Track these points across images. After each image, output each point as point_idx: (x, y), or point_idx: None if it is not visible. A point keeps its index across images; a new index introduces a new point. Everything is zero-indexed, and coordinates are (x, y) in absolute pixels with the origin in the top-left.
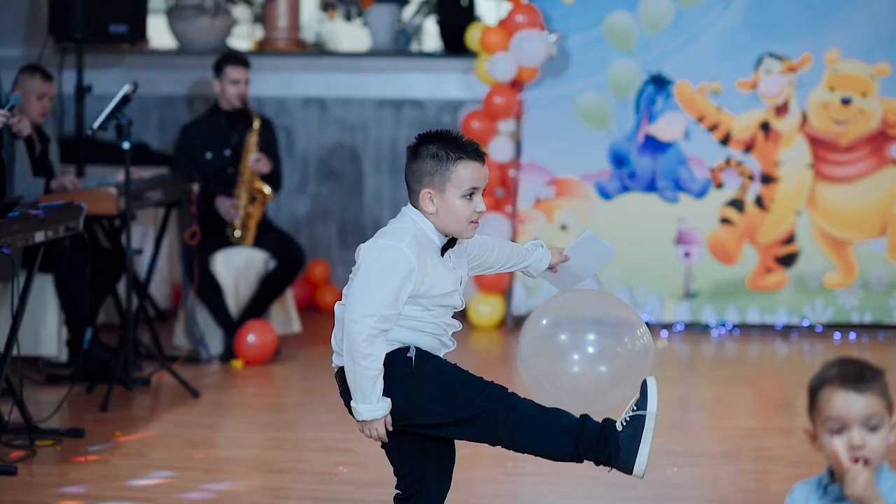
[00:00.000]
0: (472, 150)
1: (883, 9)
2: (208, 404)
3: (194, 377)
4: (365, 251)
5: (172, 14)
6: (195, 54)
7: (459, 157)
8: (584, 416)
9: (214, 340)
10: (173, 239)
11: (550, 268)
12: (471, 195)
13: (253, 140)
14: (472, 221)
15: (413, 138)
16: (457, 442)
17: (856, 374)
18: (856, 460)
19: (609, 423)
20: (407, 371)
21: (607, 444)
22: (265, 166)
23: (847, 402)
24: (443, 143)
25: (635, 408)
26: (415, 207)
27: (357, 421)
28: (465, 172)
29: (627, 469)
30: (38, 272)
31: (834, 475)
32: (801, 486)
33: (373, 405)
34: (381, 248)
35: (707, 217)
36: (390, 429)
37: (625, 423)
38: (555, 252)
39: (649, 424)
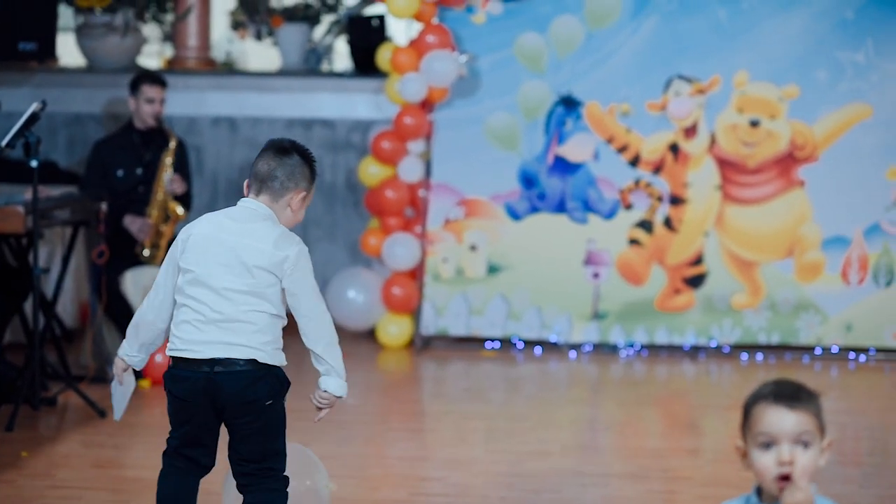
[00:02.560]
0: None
1: (792, 32)
2: (115, 424)
3: (101, 397)
4: (299, 254)
5: (82, 32)
6: (105, 73)
7: (315, 178)
8: None
9: None
10: (81, 258)
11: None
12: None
13: (168, 160)
14: None
15: (286, 142)
16: (365, 464)
17: (790, 393)
18: (783, 477)
19: None
20: (284, 389)
21: None
22: (180, 186)
23: (778, 417)
24: (314, 161)
25: None
26: (270, 203)
27: (334, 397)
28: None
29: None
30: None
31: (762, 494)
32: None
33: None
34: (305, 252)
35: (616, 238)
36: None
37: None
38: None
39: None
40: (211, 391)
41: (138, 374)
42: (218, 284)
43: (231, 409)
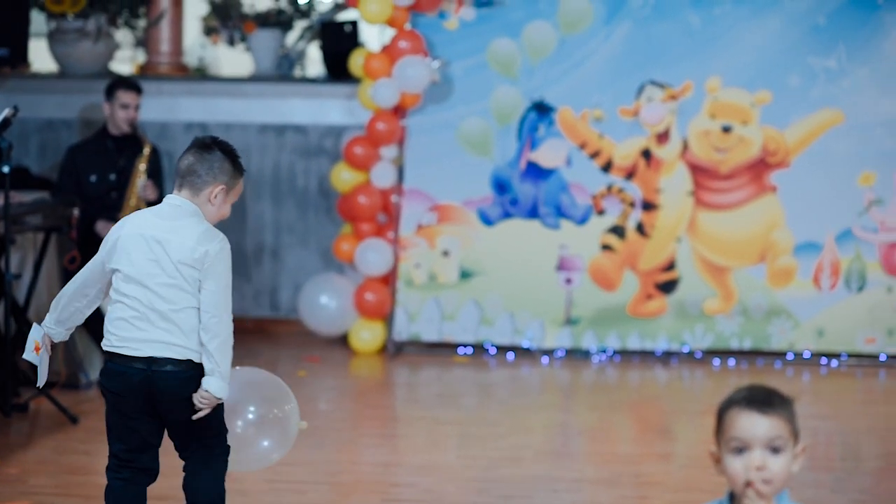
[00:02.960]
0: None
1: (763, 38)
2: (88, 430)
3: (73, 403)
4: (220, 251)
5: (54, 38)
6: (77, 78)
7: (243, 172)
8: None
9: (94, 366)
10: (53, 264)
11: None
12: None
13: (142, 166)
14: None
15: (208, 139)
16: (337, 470)
17: (763, 398)
18: (750, 484)
19: None
20: None
21: None
22: (152, 193)
23: (751, 423)
24: (235, 155)
25: None
26: (191, 198)
27: (215, 398)
28: (241, 186)
29: None
30: None
31: (734, 499)
32: None
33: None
34: (227, 250)
35: (588, 244)
36: None
37: None
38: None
39: None
40: (147, 388)
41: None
42: (149, 281)
43: (167, 405)
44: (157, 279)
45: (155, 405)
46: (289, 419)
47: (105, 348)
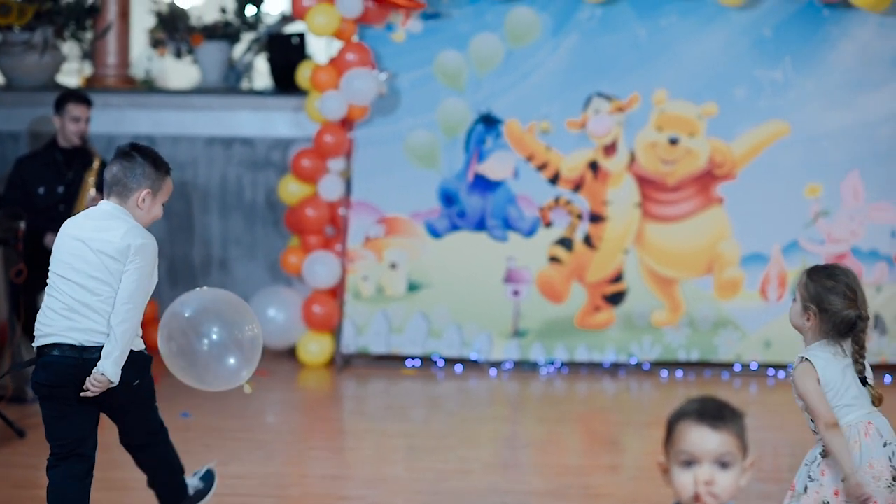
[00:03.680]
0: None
1: (710, 50)
2: (35, 444)
3: (20, 417)
4: (143, 246)
5: (1, 50)
6: (24, 90)
7: (168, 171)
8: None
9: None
10: None
11: None
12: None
13: (91, 179)
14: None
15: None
16: (285, 483)
17: (714, 411)
18: (699, 497)
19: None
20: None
21: None
22: None
23: (701, 437)
24: (157, 158)
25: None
26: (121, 205)
27: (108, 381)
28: (169, 186)
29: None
30: None
31: None
32: None
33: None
34: (150, 247)
35: (536, 256)
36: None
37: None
38: None
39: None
40: (80, 376)
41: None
42: (76, 276)
43: (101, 392)
44: (84, 273)
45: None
46: (254, 341)
47: (38, 342)
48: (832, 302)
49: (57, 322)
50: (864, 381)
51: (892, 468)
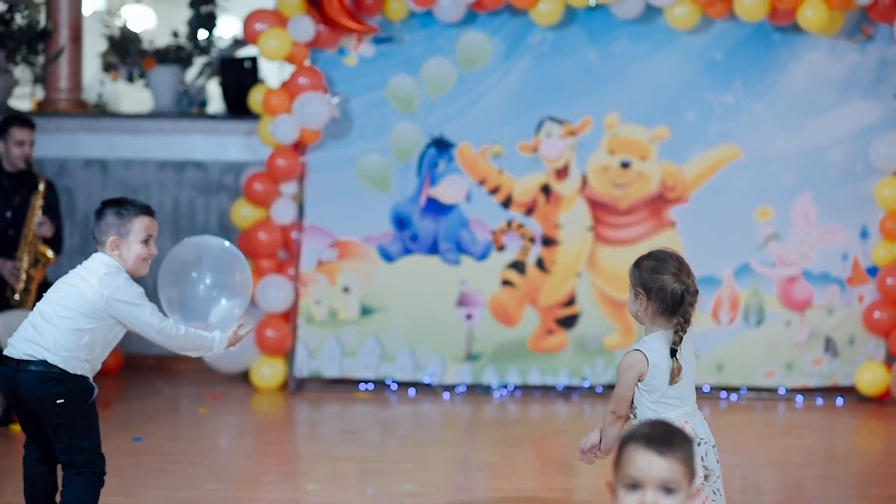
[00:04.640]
0: (145, 207)
1: (661, 74)
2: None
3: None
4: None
5: None
6: None
7: (137, 213)
8: None
9: None
10: None
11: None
12: (146, 241)
13: (38, 203)
14: (145, 259)
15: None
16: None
17: (662, 437)
18: None
19: None
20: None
21: None
22: (48, 230)
23: (647, 462)
24: (121, 205)
25: None
26: (106, 255)
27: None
28: (143, 224)
29: None
30: None
31: None
32: None
33: (217, 339)
34: (123, 287)
35: (488, 279)
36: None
37: None
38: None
39: None
40: (14, 387)
41: (8, 420)
42: (46, 297)
43: (30, 404)
44: (51, 293)
45: (26, 407)
46: (244, 286)
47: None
48: (658, 280)
49: (15, 334)
50: (673, 353)
51: (705, 467)
